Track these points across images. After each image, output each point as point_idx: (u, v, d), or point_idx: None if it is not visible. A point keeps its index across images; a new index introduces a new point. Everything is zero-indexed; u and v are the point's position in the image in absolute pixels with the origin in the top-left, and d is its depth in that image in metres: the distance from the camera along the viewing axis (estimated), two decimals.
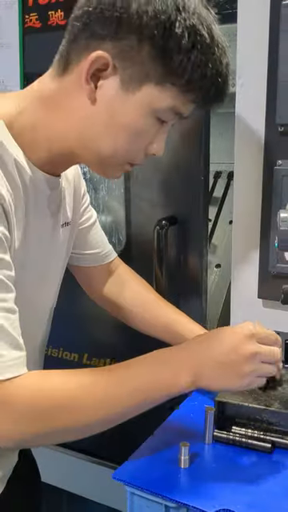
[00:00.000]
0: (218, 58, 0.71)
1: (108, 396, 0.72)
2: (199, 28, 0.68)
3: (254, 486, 0.76)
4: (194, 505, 0.72)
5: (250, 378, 0.77)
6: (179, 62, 0.69)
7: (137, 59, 0.69)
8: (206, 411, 0.85)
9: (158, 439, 0.87)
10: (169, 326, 1.03)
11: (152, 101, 0.72)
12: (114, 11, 0.68)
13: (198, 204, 1.17)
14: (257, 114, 1.04)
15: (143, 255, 1.25)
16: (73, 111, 0.74)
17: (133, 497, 0.78)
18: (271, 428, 0.86)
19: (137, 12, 0.67)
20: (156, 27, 0.67)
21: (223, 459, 0.82)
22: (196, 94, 0.73)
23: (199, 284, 1.23)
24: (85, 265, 1.06)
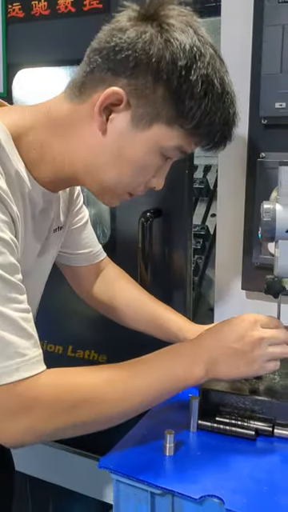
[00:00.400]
0: (227, 107, 0.75)
1: (128, 389, 0.76)
2: (212, 78, 0.72)
3: (239, 472, 0.77)
4: (179, 491, 0.73)
5: (260, 363, 0.82)
6: (190, 108, 0.72)
7: (150, 99, 0.72)
8: (190, 400, 0.86)
9: (143, 428, 0.87)
10: (155, 320, 1.05)
11: (160, 139, 0.75)
12: (133, 51, 0.71)
13: (183, 196, 1.18)
14: (240, 107, 1.04)
15: (127, 247, 1.26)
16: (82, 139, 0.77)
17: (119, 484, 0.79)
18: (255, 416, 0.87)
19: (155, 55, 0.70)
20: (172, 72, 0.70)
21: (208, 447, 0.83)
22: (202, 138, 0.77)
23: (183, 276, 1.24)
24: (75, 264, 1.07)
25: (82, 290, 1.12)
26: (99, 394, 0.74)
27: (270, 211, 0.84)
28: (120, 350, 1.31)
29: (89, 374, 0.76)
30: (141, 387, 0.77)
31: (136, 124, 0.74)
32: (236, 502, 0.70)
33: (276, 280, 0.87)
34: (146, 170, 0.79)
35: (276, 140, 1.03)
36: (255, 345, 0.81)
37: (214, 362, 0.81)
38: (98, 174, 0.78)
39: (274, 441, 0.84)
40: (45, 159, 0.78)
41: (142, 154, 0.76)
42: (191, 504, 0.73)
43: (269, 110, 1.00)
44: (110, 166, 0.77)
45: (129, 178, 0.78)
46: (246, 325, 0.82)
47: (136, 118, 0.74)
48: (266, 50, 0.98)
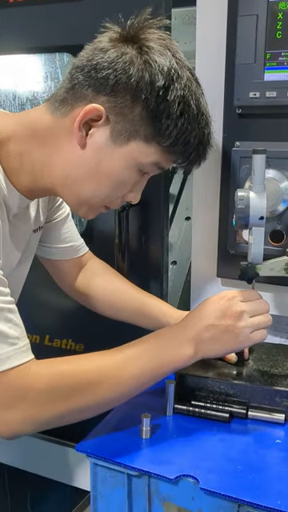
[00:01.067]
0: (202, 128, 0.79)
1: (121, 374, 0.79)
2: (188, 99, 0.76)
3: (213, 453, 0.79)
4: (155, 472, 0.75)
5: (245, 335, 0.84)
6: (167, 126, 0.76)
7: (129, 117, 0.76)
8: (166, 384, 0.88)
9: (120, 413, 0.89)
10: (140, 309, 1.06)
11: (138, 155, 0.78)
12: (113, 71, 0.74)
13: (159, 185, 1.19)
14: (215, 96, 1.06)
15: (104, 237, 1.26)
16: (62, 152, 0.79)
17: (96, 468, 0.80)
18: (229, 399, 0.89)
19: (135, 76, 0.73)
20: (150, 92, 0.74)
21: (184, 430, 0.85)
22: (178, 156, 0.80)
23: (160, 265, 1.25)
24: (55, 258, 1.08)
25: (64, 283, 1.13)
26: (93, 380, 0.77)
27: (243, 199, 0.86)
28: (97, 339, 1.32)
29: (80, 362, 0.79)
30: (133, 372, 0.80)
31: (114, 140, 0.77)
32: (210, 481, 0.72)
33: (250, 266, 0.89)
34: (124, 184, 0.81)
35: (250, 129, 1.04)
36: (237, 319, 0.83)
37: (201, 341, 0.83)
38: (75, 186, 0.80)
39: (248, 423, 0.87)
40: (24, 168, 0.81)
41: (120, 169, 0.78)
42: (167, 484, 0.75)
43: (243, 100, 1.01)
44: (88, 179, 0.79)
45: (106, 192, 0.81)
46: (225, 302, 0.85)
47: (115, 133, 0.76)
48: (240, 39, 0.99)
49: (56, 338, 1.41)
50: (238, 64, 1.00)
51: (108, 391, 0.78)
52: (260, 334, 0.86)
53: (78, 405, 0.76)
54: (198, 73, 1.07)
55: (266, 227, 1.02)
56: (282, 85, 0.97)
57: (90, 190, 0.80)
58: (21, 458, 1.49)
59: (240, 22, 0.98)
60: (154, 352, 0.82)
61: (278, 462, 0.76)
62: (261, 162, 0.85)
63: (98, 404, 0.78)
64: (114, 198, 0.83)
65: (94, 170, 0.79)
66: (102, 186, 0.80)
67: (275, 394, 0.87)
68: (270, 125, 1.02)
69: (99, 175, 0.79)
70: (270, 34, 0.96)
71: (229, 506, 0.71)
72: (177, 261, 1.59)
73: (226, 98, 1.05)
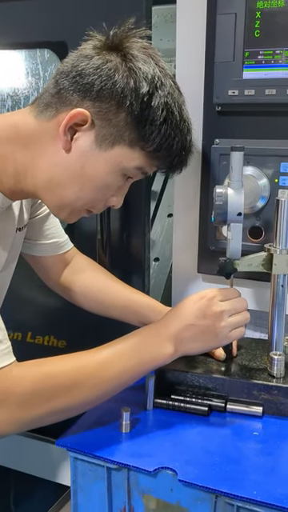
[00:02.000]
0: (184, 134, 0.81)
1: (102, 374, 0.80)
2: (171, 106, 0.78)
3: (192, 445, 0.80)
4: (134, 465, 0.76)
5: (225, 334, 0.86)
6: (150, 132, 0.78)
7: (113, 122, 0.77)
8: (146, 379, 0.89)
9: (100, 408, 0.89)
10: (129, 305, 1.07)
11: (122, 160, 0.79)
12: (98, 77, 0.75)
13: (141, 182, 1.19)
14: (195, 94, 1.07)
15: (86, 233, 1.27)
16: (46, 155, 0.80)
17: (76, 462, 0.81)
18: (208, 393, 0.90)
19: (120, 82, 0.75)
20: (135, 98, 0.76)
21: (163, 423, 0.86)
22: (161, 161, 0.82)
23: (141, 260, 1.26)
24: (40, 254, 1.08)
25: (49, 280, 1.13)
26: (74, 381, 0.78)
27: (221, 195, 0.87)
28: (79, 335, 1.33)
29: (62, 363, 0.80)
30: (112, 371, 0.81)
31: (99, 144, 0.78)
32: (188, 472, 0.73)
33: (228, 262, 0.90)
34: (107, 188, 0.82)
35: (230, 127, 1.05)
36: (217, 318, 0.85)
37: (181, 340, 0.85)
38: (59, 189, 0.81)
39: (227, 416, 0.88)
40: (7, 171, 0.81)
41: (104, 173, 0.80)
42: (146, 477, 0.76)
43: (222, 98, 1.02)
44: (71, 182, 0.80)
45: (89, 196, 0.82)
46: (205, 301, 0.86)
47: (99, 138, 0.78)
48: (219, 38, 1.00)
49: (38, 334, 1.41)
50: (217, 62, 1.01)
51: (90, 391, 0.79)
52: (238, 331, 0.88)
53: (61, 405, 0.77)
54: (178, 71, 1.10)
55: (245, 224, 1.04)
56: (260, 83, 0.98)
57: (74, 194, 0.81)
58: (2, 455, 1.49)
59: (219, 21, 0.99)
60: (135, 351, 0.83)
61: (255, 454, 0.78)
62: (239, 158, 0.86)
63: (81, 404, 0.80)
64: (96, 202, 0.84)
65: (78, 174, 0.79)
66: (85, 190, 0.81)
67: (253, 387, 0.88)
68: (248, 122, 1.04)
69: (83, 179, 0.80)
70: (249, 32, 0.98)
71: (206, 496, 0.72)
72: (159, 257, 1.60)
73: (205, 96, 1.06)
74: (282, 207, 0.88)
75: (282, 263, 0.89)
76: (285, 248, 0.89)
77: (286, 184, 1.02)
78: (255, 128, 1.03)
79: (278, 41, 0.96)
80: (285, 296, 0.92)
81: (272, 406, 0.87)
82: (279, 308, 0.92)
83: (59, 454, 1.38)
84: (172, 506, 0.75)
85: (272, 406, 0.88)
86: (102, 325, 1.12)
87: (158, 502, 0.76)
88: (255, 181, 1.02)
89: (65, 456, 0.81)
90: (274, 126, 1.02)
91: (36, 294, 1.36)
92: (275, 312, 0.92)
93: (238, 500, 0.69)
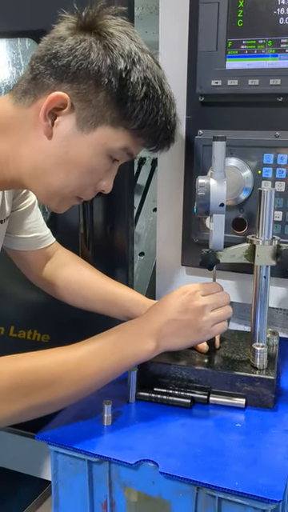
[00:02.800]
0: (167, 108, 0.78)
1: (81, 370, 0.79)
2: (151, 80, 0.76)
3: (174, 438, 0.80)
4: (115, 457, 0.75)
5: (207, 329, 0.86)
6: (132, 109, 0.75)
7: (93, 103, 0.75)
8: (128, 372, 0.88)
9: (81, 402, 0.87)
10: (113, 299, 1.06)
11: (106, 141, 0.77)
12: (73, 57, 0.73)
13: (124, 174, 1.18)
14: (179, 84, 1.06)
15: (69, 226, 1.25)
16: (28, 143, 0.78)
17: (56, 455, 0.79)
18: (191, 385, 0.90)
19: (96, 60, 0.73)
20: (113, 75, 0.74)
21: (145, 416, 0.85)
22: (146, 138, 0.80)
23: (125, 254, 1.25)
24: (21, 249, 1.06)
25: (31, 274, 1.11)
26: (53, 377, 0.77)
27: (204, 186, 0.86)
28: (62, 329, 1.32)
29: (40, 358, 0.79)
30: (93, 367, 0.80)
31: (81, 127, 0.76)
32: (170, 465, 0.73)
33: (211, 253, 0.89)
34: (94, 172, 0.80)
35: (213, 117, 1.04)
36: (199, 313, 0.84)
37: (163, 335, 0.84)
38: (44, 177, 0.79)
39: (210, 408, 0.87)
40: None
41: (89, 157, 0.78)
42: (127, 470, 0.75)
43: (205, 88, 1.01)
44: (56, 169, 0.78)
45: (76, 182, 0.80)
46: (187, 296, 0.85)
47: (81, 120, 0.76)
48: (201, 27, 0.99)
49: (21, 329, 1.40)
50: (200, 52, 1.00)
51: (69, 387, 0.78)
52: (221, 326, 0.88)
53: (39, 402, 0.76)
54: (161, 61, 1.08)
55: (229, 216, 1.04)
56: (243, 73, 0.98)
57: (60, 181, 0.79)
58: None
59: (202, 10, 0.98)
60: (117, 347, 0.83)
61: (237, 445, 0.77)
62: (221, 149, 0.86)
63: (60, 400, 0.79)
64: (85, 188, 0.82)
65: (62, 160, 0.78)
66: (71, 176, 0.79)
67: (236, 379, 0.88)
68: (232, 113, 1.03)
69: (68, 164, 0.78)
70: (232, 21, 0.97)
71: (188, 489, 0.72)
72: (145, 252, 1.59)
73: (188, 87, 1.05)
74: (265, 198, 0.88)
75: (264, 254, 0.88)
76: (267, 239, 0.89)
77: (269, 175, 1.01)
78: (239, 119, 1.03)
79: (261, 30, 0.96)
80: (267, 287, 0.91)
81: (255, 398, 0.87)
82: (262, 300, 0.92)
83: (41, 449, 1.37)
84: (154, 498, 0.74)
85: (255, 397, 0.87)
86: (86, 319, 1.11)
87: (139, 495, 0.75)
88: (238, 172, 1.01)
89: (47, 450, 0.80)
90: (257, 116, 1.01)
91: (19, 288, 1.34)
92: (258, 304, 0.92)
93: (219, 491, 0.69)
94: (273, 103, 0.98)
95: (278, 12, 0.94)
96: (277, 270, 0.98)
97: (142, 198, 1.64)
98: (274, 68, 0.96)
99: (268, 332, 0.97)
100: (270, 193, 0.88)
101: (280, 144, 0.99)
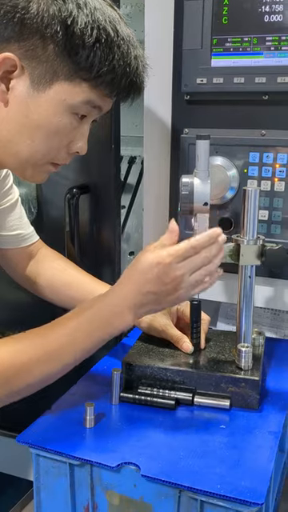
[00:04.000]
0: (124, 50, 0.74)
1: (56, 349, 0.78)
2: (102, 22, 0.71)
3: (157, 440, 0.79)
4: (97, 460, 0.74)
5: (187, 294, 0.81)
6: (86, 58, 0.71)
7: (43, 58, 0.71)
8: (112, 373, 0.87)
9: (64, 404, 0.87)
10: None
11: (65, 97, 0.73)
12: (15, 13, 0.69)
13: (110, 172, 1.18)
14: (164, 83, 1.05)
15: (55, 225, 1.24)
16: None
17: (38, 458, 0.78)
18: (176, 386, 0.89)
19: (37, 12, 0.69)
20: (57, 25, 0.69)
21: (129, 418, 0.84)
22: (107, 87, 0.75)
23: (112, 253, 1.24)
24: (3, 247, 1.05)
25: (14, 273, 1.10)
26: (28, 361, 0.76)
27: (187, 185, 0.85)
28: None
29: (14, 344, 0.77)
30: (71, 345, 0.79)
31: (36, 87, 0.73)
32: (151, 467, 0.72)
33: None
34: (60, 133, 0.76)
35: (199, 116, 1.03)
36: (178, 283, 0.79)
37: (140, 305, 0.81)
38: (11, 147, 0.76)
39: (194, 409, 0.87)
40: None
41: (50, 117, 0.74)
42: (109, 473, 0.74)
43: (191, 86, 1.00)
44: (21, 136, 0.75)
45: (43, 146, 0.76)
46: (162, 268, 0.78)
47: (34, 80, 0.72)
48: (186, 25, 0.98)
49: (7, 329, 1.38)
50: (184, 50, 0.99)
51: (48, 369, 0.78)
52: (200, 288, 0.81)
53: (18, 386, 0.76)
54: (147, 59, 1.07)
55: (215, 215, 1.03)
56: (228, 71, 0.97)
57: (27, 147, 0.76)
58: None
59: (187, 7, 0.97)
60: (94, 326, 0.80)
61: (221, 447, 0.77)
62: (204, 147, 0.85)
63: (40, 382, 0.78)
64: (56, 152, 0.78)
65: (24, 125, 0.74)
66: (37, 140, 0.75)
67: (220, 379, 0.87)
68: (217, 111, 1.02)
69: (31, 129, 0.75)
70: (217, 19, 0.96)
71: (170, 492, 0.71)
72: (134, 251, 1.58)
73: (174, 85, 1.04)
74: (249, 197, 0.87)
75: (249, 254, 0.88)
76: (252, 239, 0.88)
77: (255, 174, 1.01)
78: (224, 117, 1.02)
79: (247, 28, 0.95)
80: (253, 287, 0.91)
81: (239, 399, 0.86)
82: (247, 299, 0.91)
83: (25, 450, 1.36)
84: (135, 501, 0.73)
85: (239, 398, 0.86)
86: None
87: (121, 498, 0.74)
88: (224, 171, 1.00)
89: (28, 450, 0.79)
90: (243, 115, 1.00)
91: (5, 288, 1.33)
92: (243, 304, 0.91)
93: (201, 494, 0.68)
94: (258, 101, 0.98)
95: (263, 9, 0.93)
96: (264, 270, 0.98)
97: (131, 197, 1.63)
98: (259, 66, 0.95)
99: (254, 332, 0.96)
100: (255, 192, 0.87)
101: (266, 143, 0.98)
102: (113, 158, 1.17)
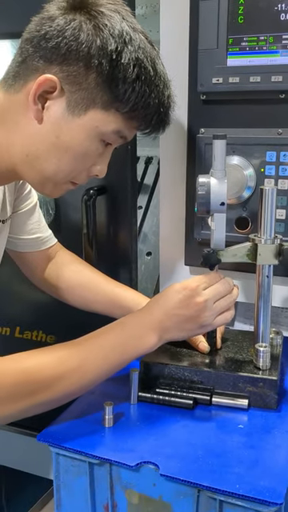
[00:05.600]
0: (160, 89, 0.76)
1: (83, 365, 0.79)
2: (143, 61, 0.74)
3: (175, 439, 0.79)
4: (116, 460, 0.74)
5: (210, 321, 0.86)
6: (124, 91, 0.73)
7: (84, 85, 0.73)
8: (130, 372, 0.87)
9: (83, 403, 0.88)
10: (114, 300, 1.05)
11: (98, 124, 0.76)
12: (63, 38, 0.71)
13: (126, 172, 1.18)
14: (180, 83, 1.05)
15: (72, 226, 1.25)
16: (20, 129, 0.77)
17: (58, 457, 0.79)
18: (194, 386, 0.89)
19: (85, 41, 0.71)
20: (103, 57, 0.71)
21: (147, 418, 0.85)
22: (139, 121, 0.78)
23: (129, 254, 1.24)
24: (23, 250, 1.06)
25: (32, 276, 1.11)
26: (55, 374, 0.77)
27: (204, 185, 0.85)
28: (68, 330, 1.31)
29: (43, 356, 0.79)
30: (95, 362, 0.80)
31: (72, 110, 0.74)
32: (171, 467, 0.72)
33: (212, 253, 0.88)
34: (86, 157, 0.79)
35: (215, 115, 1.03)
36: (201, 308, 0.84)
37: (165, 328, 0.84)
38: (37, 163, 0.78)
39: (212, 409, 0.87)
40: None
41: (81, 141, 0.76)
42: (128, 472, 0.74)
43: (206, 86, 1.00)
44: (49, 154, 0.77)
45: (69, 166, 0.78)
46: (188, 292, 0.84)
47: (71, 104, 0.74)
48: (202, 25, 0.98)
49: (27, 329, 1.40)
50: (200, 49, 0.99)
51: (71, 384, 0.79)
52: (223, 317, 0.87)
53: (42, 400, 0.77)
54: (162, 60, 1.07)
55: (232, 214, 1.03)
56: (244, 70, 0.97)
57: (53, 166, 0.78)
58: None
59: (202, 7, 0.97)
60: (119, 343, 0.83)
61: (239, 447, 0.77)
62: (221, 147, 0.85)
63: (62, 397, 0.79)
64: (78, 173, 0.80)
65: (54, 145, 0.76)
66: (64, 161, 0.77)
67: (238, 379, 0.87)
68: (234, 111, 1.02)
69: (60, 149, 0.76)
70: (232, 18, 0.96)
71: (189, 491, 0.71)
72: (152, 252, 1.59)
73: (190, 85, 1.04)
74: (266, 196, 0.87)
75: (266, 253, 0.87)
76: (269, 238, 0.88)
77: (272, 173, 1.00)
78: (240, 116, 1.01)
79: (262, 27, 0.94)
80: (270, 287, 0.90)
81: (258, 399, 0.86)
82: (265, 299, 0.90)
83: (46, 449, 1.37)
84: (155, 500, 0.74)
85: (258, 398, 0.86)
86: (91, 320, 1.10)
87: (140, 497, 0.75)
88: (241, 171, 1.00)
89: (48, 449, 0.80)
90: (259, 114, 1.00)
91: (24, 289, 1.34)
92: (261, 303, 0.91)
93: (220, 494, 0.68)
94: (275, 100, 0.97)
95: (279, 8, 0.92)
96: (281, 269, 0.97)
97: (148, 198, 1.64)
98: (275, 65, 0.94)
99: (272, 332, 0.96)
100: (272, 191, 0.86)
101: (283, 141, 0.98)
102: (129, 158, 1.17)
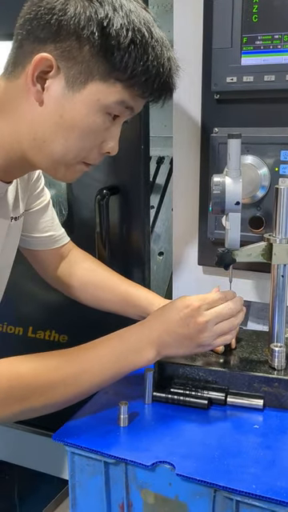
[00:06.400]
0: (158, 52, 0.74)
1: (78, 375, 0.79)
2: (137, 24, 0.72)
3: (191, 439, 0.79)
4: (131, 459, 0.74)
5: (209, 343, 0.85)
6: (120, 58, 0.72)
7: (79, 59, 0.72)
8: (145, 372, 0.87)
9: (97, 402, 0.88)
10: (126, 298, 1.05)
11: (99, 97, 0.74)
12: (52, 15, 0.71)
13: (139, 172, 1.18)
14: (194, 82, 1.05)
15: (85, 226, 1.25)
16: (23, 114, 0.76)
17: (73, 456, 0.79)
18: (208, 386, 0.89)
19: (74, 14, 0.70)
20: (94, 27, 0.70)
21: (162, 417, 0.85)
22: (141, 87, 0.76)
23: (141, 253, 1.24)
24: (35, 248, 1.06)
25: (45, 274, 1.12)
26: (50, 381, 0.78)
27: (219, 184, 0.85)
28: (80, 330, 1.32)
29: (40, 362, 0.79)
30: (91, 372, 0.80)
31: (71, 86, 0.73)
32: (186, 466, 0.72)
33: (227, 252, 0.88)
34: (93, 133, 0.77)
35: (229, 115, 1.03)
36: (201, 329, 0.83)
37: (164, 344, 0.84)
38: (45, 146, 0.77)
39: (227, 409, 0.86)
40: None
41: (85, 116, 0.75)
42: (144, 471, 0.74)
43: (220, 85, 1.00)
44: (55, 135, 0.76)
45: (77, 145, 0.77)
46: (189, 312, 0.83)
47: (70, 80, 0.73)
48: (216, 24, 0.98)
49: (39, 329, 1.40)
50: (214, 49, 0.99)
51: (66, 393, 0.79)
52: (223, 339, 0.86)
53: (35, 405, 0.77)
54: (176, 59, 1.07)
55: (246, 214, 1.02)
56: (258, 69, 0.96)
57: (60, 146, 0.76)
58: (5, 450, 1.49)
59: (216, 5, 0.97)
60: (116, 355, 0.83)
61: (255, 447, 0.76)
62: (236, 146, 0.84)
63: (56, 404, 0.79)
64: (88, 151, 0.79)
65: (58, 125, 0.75)
66: (71, 140, 0.76)
67: (253, 379, 0.86)
68: (248, 110, 1.01)
69: (65, 128, 0.75)
70: (246, 17, 0.95)
71: (205, 491, 0.71)
72: (164, 251, 1.59)
73: (203, 84, 1.04)
74: (281, 196, 0.86)
75: (281, 253, 0.87)
76: (284, 237, 0.87)
77: (286, 173, 1.00)
78: (254, 116, 1.01)
79: (277, 25, 0.94)
80: (285, 286, 0.90)
81: (273, 399, 0.86)
82: (280, 299, 0.90)
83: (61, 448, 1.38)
84: (170, 500, 0.74)
85: (273, 398, 0.86)
86: (104, 319, 1.11)
87: (156, 497, 0.75)
88: (255, 170, 1.00)
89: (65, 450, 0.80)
90: (273, 113, 0.99)
91: (37, 289, 1.35)
92: (276, 303, 0.91)
93: (236, 494, 0.68)
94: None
95: None
96: None
97: (160, 197, 1.64)
98: None
99: (286, 332, 0.95)
100: (287, 190, 0.86)
101: None
102: (142, 158, 1.17)
